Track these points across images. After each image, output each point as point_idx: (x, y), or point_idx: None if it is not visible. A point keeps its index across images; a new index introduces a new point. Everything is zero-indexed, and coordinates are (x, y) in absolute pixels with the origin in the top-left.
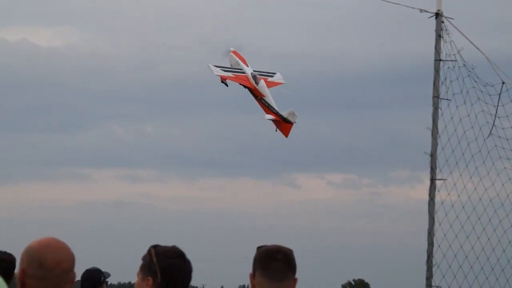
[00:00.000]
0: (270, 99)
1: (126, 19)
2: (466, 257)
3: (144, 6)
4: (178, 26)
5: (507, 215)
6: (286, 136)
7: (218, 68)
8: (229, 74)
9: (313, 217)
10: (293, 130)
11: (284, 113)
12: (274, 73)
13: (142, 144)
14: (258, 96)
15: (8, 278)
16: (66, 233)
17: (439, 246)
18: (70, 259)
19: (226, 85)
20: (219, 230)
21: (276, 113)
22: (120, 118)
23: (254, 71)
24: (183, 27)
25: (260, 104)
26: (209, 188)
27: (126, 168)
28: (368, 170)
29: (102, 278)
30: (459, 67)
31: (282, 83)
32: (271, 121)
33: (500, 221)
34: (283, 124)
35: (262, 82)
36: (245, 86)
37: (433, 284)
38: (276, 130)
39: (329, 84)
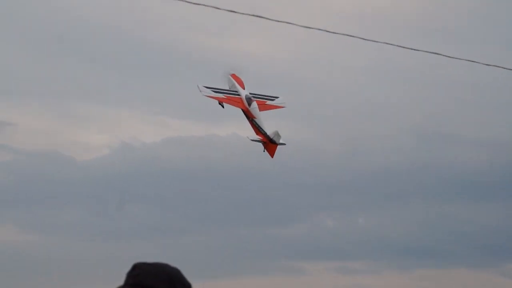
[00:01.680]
0: (261, 120)
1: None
2: None
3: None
4: (384, 114)
5: None
6: (272, 156)
7: (209, 90)
8: (221, 95)
9: None
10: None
11: (270, 133)
12: (276, 97)
13: (353, 235)
14: (250, 117)
15: None
16: None
17: None
18: None
19: (223, 106)
20: None
21: (264, 134)
22: (331, 209)
23: (251, 93)
24: (391, 115)
25: (251, 125)
26: (426, 278)
27: (338, 259)
28: None
29: None
30: None
31: (283, 107)
32: (259, 142)
33: None
34: (269, 145)
35: (254, 104)
36: (240, 108)
37: None
38: (264, 151)
39: None
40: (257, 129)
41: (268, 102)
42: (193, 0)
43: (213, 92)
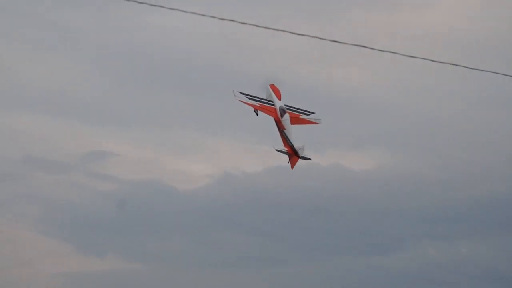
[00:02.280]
0: (290, 132)
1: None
2: None
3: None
4: (489, 143)
5: None
6: (292, 168)
7: (244, 96)
8: (255, 103)
9: None
10: None
11: (296, 146)
12: (312, 112)
13: (454, 264)
14: (280, 128)
15: None
16: None
17: None
18: None
19: (257, 114)
20: None
21: (291, 147)
22: (433, 238)
23: (286, 105)
24: (497, 144)
25: (280, 136)
26: None
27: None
28: None
29: None
30: None
31: (318, 123)
32: (285, 153)
33: None
34: (293, 157)
35: (286, 116)
36: (273, 118)
37: None
38: (289, 162)
39: None
40: (285, 140)
41: (303, 116)
42: (297, 31)
43: (247, 99)
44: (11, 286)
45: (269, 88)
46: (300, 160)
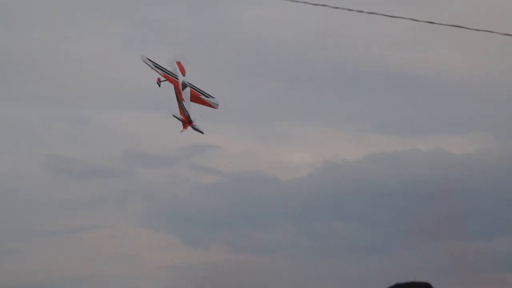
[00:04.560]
0: (188, 105)
1: None
2: None
3: None
4: None
5: None
6: (181, 132)
7: (151, 62)
8: (160, 71)
9: None
10: None
11: (192, 117)
12: (212, 97)
13: None
14: (180, 99)
15: None
16: None
17: None
18: None
19: (159, 85)
20: None
21: (187, 116)
22: None
23: (190, 83)
24: None
25: (178, 105)
26: None
27: None
28: None
29: None
30: None
31: (215, 108)
32: (180, 120)
33: None
34: (187, 124)
35: (187, 89)
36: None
37: None
38: (181, 132)
39: None
40: (183, 110)
41: (202, 96)
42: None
43: (154, 67)
44: (117, 281)
45: (175, 64)
46: (402, 147)
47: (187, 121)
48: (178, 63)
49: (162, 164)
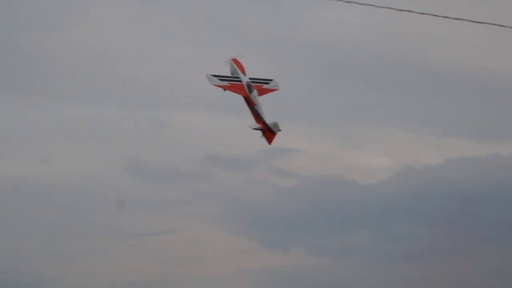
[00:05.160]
0: (260, 108)
1: None
2: None
3: None
4: None
5: None
6: (269, 143)
7: (215, 78)
8: (225, 83)
9: None
10: None
11: (270, 123)
12: (270, 80)
13: None
14: (250, 104)
15: None
16: None
17: None
18: None
19: (224, 90)
20: None
21: (263, 123)
22: None
23: (250, 78)
24: None
25: (251, 112)
26: None
27: None
28: None
29: None
30: None
31: (277, 89)
32: (259, 130)
33: None
34: (267, 133)
35: (255, 92)
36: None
37: None
38: (261, 137)
39: None
40: (257, 116)
41: (264, 86)
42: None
43: (219, 81)
44: (198, 284)
45: (233, 63)
46: (482, 151)
47: (265, 128)
48: (235, 61)
49: (242, 167)
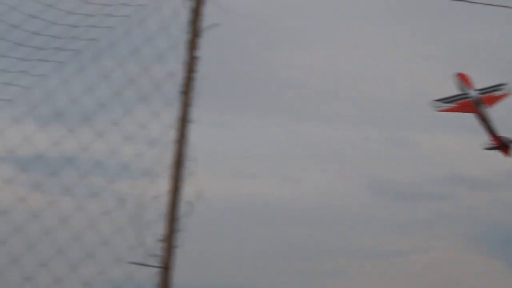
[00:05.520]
0: (494, 124)
1: None
2: None
3: None
4: None
5: None
6: (510, 155)
7: (439, 102)
8: (452, 105)
9: None
10: None
11: (503, 137)
12: (504, 84)
13: None
14: (484, 120)
15: None
16: None
17: None
18: None
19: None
20: None
21: (498, 138)
22: None
23: (478, 90)
24: None
25: (487, 130)
26: None
27: None
28: None
29: None
30: None
31: (510, 94)
32: (495, 149)
33: None
34: (504, 148)
35: (485, 107)
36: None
37: None
38: (501, 151)
39: None
40: (492, 132)
41: (494, 93)
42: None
43: (444, 104)
44: None
45: (458, 79)
46: None
47: (501, 144)
48: (460, 76)
49: (486, 187)
